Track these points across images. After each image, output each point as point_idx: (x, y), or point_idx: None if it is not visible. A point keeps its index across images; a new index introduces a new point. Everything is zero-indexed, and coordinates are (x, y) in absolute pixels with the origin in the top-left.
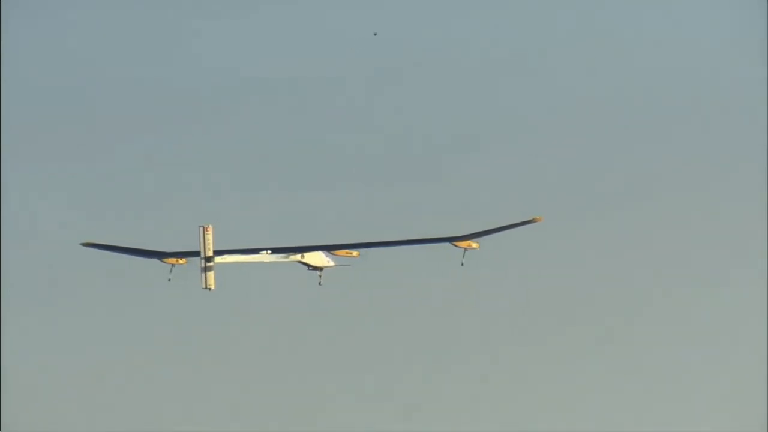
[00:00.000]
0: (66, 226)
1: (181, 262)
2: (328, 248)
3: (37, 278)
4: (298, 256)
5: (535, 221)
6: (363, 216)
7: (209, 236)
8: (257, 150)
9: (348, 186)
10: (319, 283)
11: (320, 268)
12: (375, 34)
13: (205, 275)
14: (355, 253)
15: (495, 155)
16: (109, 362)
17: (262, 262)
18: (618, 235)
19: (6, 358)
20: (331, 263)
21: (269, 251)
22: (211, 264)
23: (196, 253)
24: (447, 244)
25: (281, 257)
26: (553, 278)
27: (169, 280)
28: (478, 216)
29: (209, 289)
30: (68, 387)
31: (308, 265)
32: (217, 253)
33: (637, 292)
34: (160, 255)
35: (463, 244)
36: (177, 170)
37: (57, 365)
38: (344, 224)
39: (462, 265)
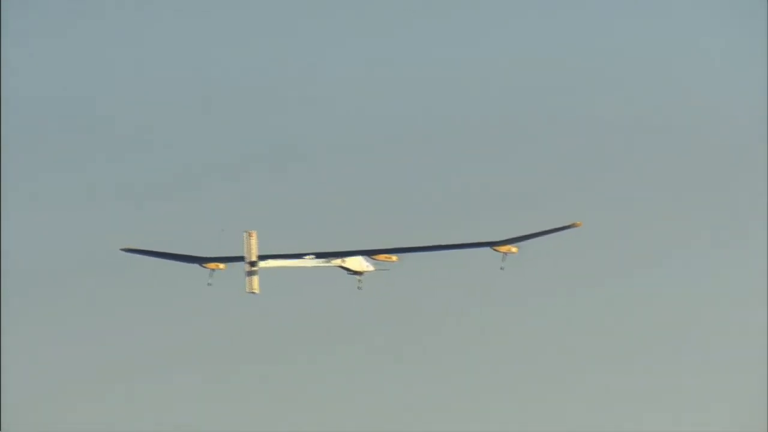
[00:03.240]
0: (106, 231)
1: (221, 267)
2: (368, 253)
3: (77, 283)
4: (338, 261)
5: (575, 226)
6: (402, 221)
7: (253, 241)
8: (297, 156)
9: (387, 191)
10: (359, 288)
11: (360, 273)
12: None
13: (250, 279)
14: (394, 257)
15: (534, 159)
16: (155, 367)
17: (304, 267)
18: (653, 242)
19: (46, 362)
20: (371, 268)
21: (312, 256)
22: (255, 269)
23: (237, 258)
24: (486, 249)
25: (323, 262)
26: (592, 283)
27: (209, 284)
28: (518, 220)
29: (253, 293)
30: (111, 392)
31: (348, 270)
32: (261, 257)
33: (660, 296)
34: (201, 260)
35: (503, 248)
36: (218, 175)
37: (99, 370)
38: (384, 229)
39: (501, 269)
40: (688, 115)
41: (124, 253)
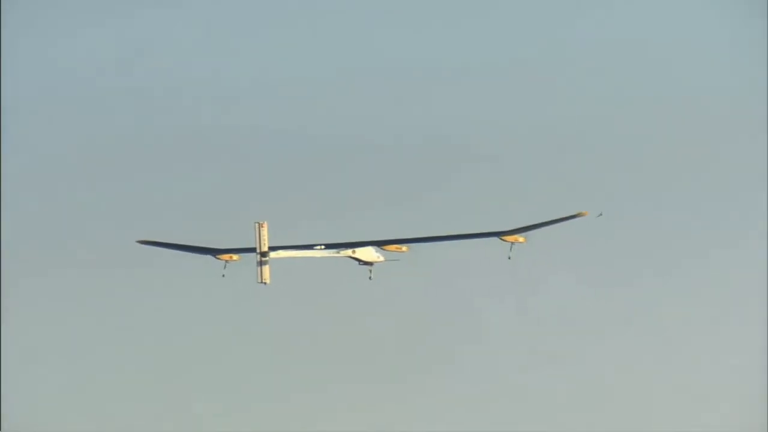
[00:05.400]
0: (122, 223)
1: (234, 258)
2: (378, 243)
3: (93, 275)
4: (349, 252)
5: (581, 216)
6: (411, 212)
7: (264, 232)
8: (308, 147)
9: (397, 182)
10: (370, 278)
11: (371, 263)
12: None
13: (261, 270)
14: (404, 248)
15: (541, 150)
16: (171, 357)
17: (315, 257)
18: (659, 233)
19: (61, 355)
20: (381, 258)
21: (322, 246)
22: (266, 259)
23: (249, 250)
24: (494, 239)
25: (333, 252)
26: (598, 272)
27: (223, 276)
28: (525, 210)
29: (264, 283)
30: (127, 383)
31: (359, 260)
32: (272, 248)
33: (664, 288)
34: (214, 252)
35: (510, 238)
36: (231, 170)
37: (115, 362)
38: (394, 220)
39: (509, 259)
40: (688, 113)
41: (139, 245)
